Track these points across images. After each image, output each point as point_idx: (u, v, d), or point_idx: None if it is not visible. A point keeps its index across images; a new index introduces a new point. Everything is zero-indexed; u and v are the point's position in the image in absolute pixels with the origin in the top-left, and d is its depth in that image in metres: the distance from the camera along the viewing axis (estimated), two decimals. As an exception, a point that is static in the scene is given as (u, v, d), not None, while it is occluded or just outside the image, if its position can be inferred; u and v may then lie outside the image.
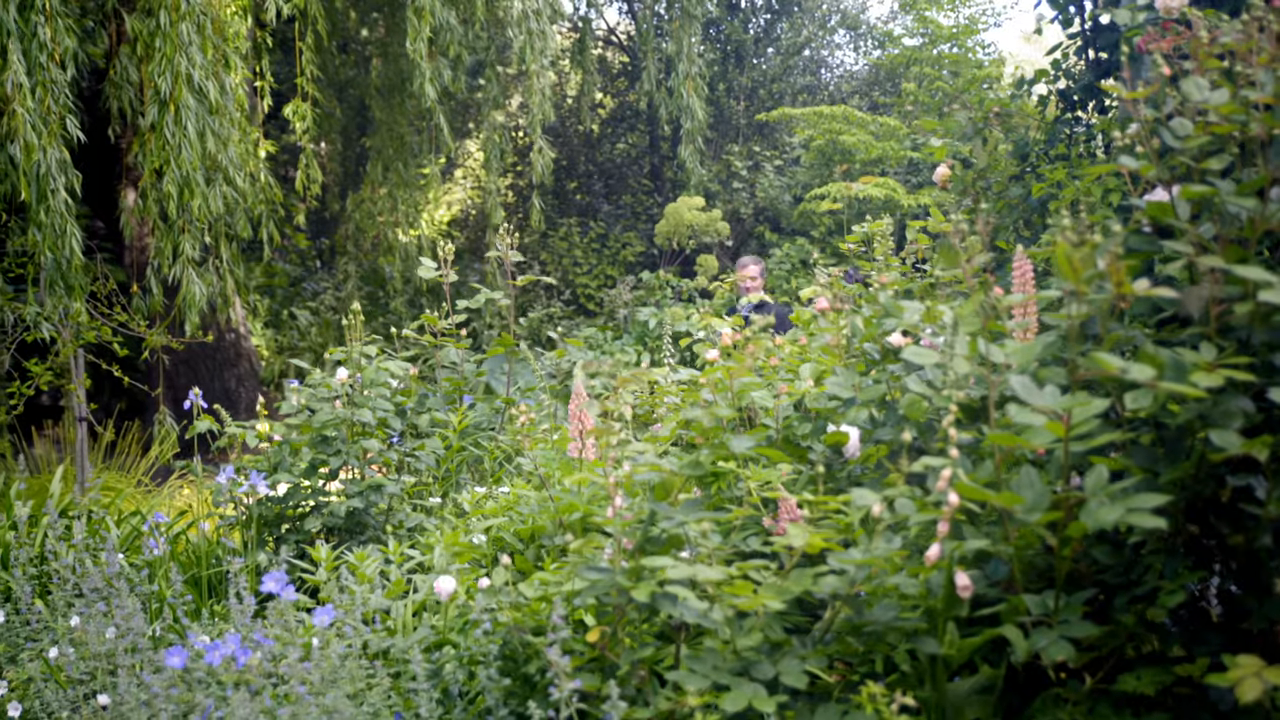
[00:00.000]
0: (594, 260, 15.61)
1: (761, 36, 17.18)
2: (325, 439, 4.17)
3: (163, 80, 8.43)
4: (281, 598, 3.25)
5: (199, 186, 8.63)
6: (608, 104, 18.39)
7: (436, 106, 11.30)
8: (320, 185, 15.32)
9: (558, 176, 18.05)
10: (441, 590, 2.85)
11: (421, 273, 5.09)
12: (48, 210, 8.07)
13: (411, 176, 12.83)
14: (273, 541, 4.16)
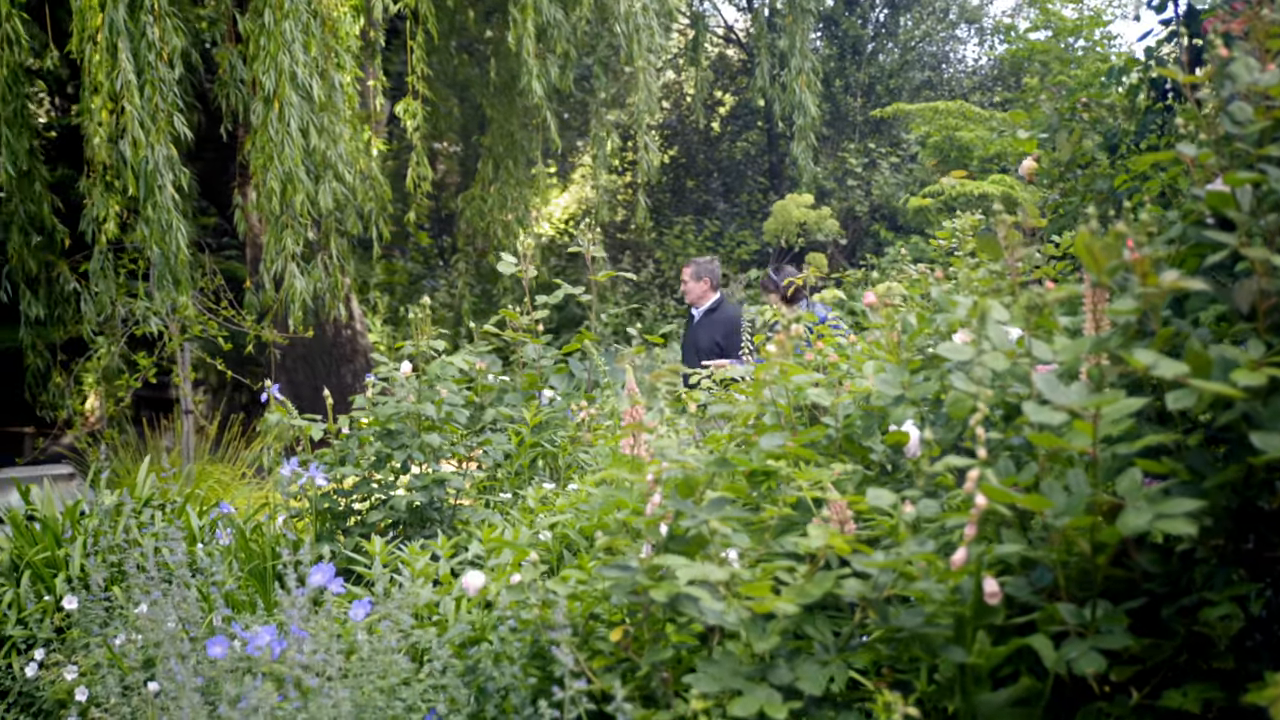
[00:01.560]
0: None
1: (880, 31, 16.93)
2: (390, 432, 4.18)
3: (266, 78, 8.58)
4: (330, 590, 3.25)
5: (302, 183, 8.76)
6: (728, 102, 18.30)
7: (544, 104, 11.33)
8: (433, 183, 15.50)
9: (676, 174, 17.99)
10: (469, 586, 2.82)
11: (501, 268, 5.08)
12: (155, 206, 8.27)
13: (521, 174, 12.87)
14: (340, 534, 4.18)
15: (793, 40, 12.78)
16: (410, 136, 11.12)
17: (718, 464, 2.59)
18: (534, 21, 10.44)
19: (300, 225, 9.10)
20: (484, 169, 13.20)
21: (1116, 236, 2.02)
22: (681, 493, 2.53)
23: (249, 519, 4.78)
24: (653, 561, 2.40)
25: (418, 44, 10.65)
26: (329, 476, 4.18)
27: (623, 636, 2.58)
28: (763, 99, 13.92)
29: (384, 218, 11.04)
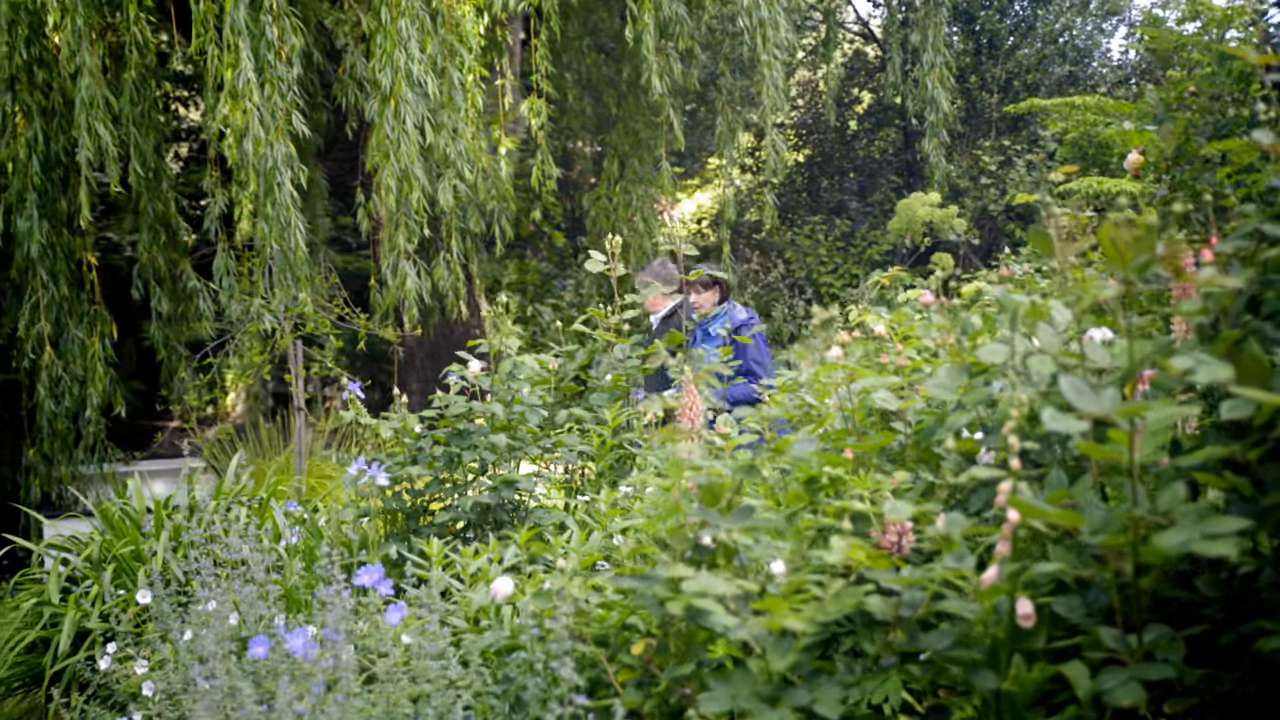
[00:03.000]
0: (839, 259, 15.30)
1: (1017, 25, 16.45)
2: (459, 432, 4.13)
3: (383, 76, 8.64)
4: (379, 592, 3.21)
5: (418, 180, 8.80)
6: (865, 99, 18.02)
7: (666, 100, 11.24)
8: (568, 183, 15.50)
9: (810, 174, 17.75)
10: (498, 592, 2.74)
11: (589, 266, 5.00)
12: (274, 204, 8.37)
13: (647, 174, 12.79)
14: (411, 535, 4.15)
15: (925, 34, 12.49)
16: (535, 135, 11.12)
17: (744, 471, 2.47)
18: (654, 18, 10.35)
19: (415, 223, 9.15)
20: (610, 168, 13.16)
21: (1146, 229, 1.86)
22: (706, 500, 2.41)
23: (331, 517, 4.79)
24: (672, 573, 2.29)
25: (541, 42, 10.64)
26: (399, 476, 4.16)
27: (645, 649, 2.48)
28: (897, 95, 13.64)
29: (506, 216, 11.07)
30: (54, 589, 4.74)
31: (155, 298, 9.88)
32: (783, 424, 3.85)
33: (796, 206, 17.26)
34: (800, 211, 17.13)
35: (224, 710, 2.83)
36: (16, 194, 8.82)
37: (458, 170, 9.77)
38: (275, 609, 3.53)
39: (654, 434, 3.32)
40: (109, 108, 8.70)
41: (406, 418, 4.29)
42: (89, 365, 9.32)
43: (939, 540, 2.53)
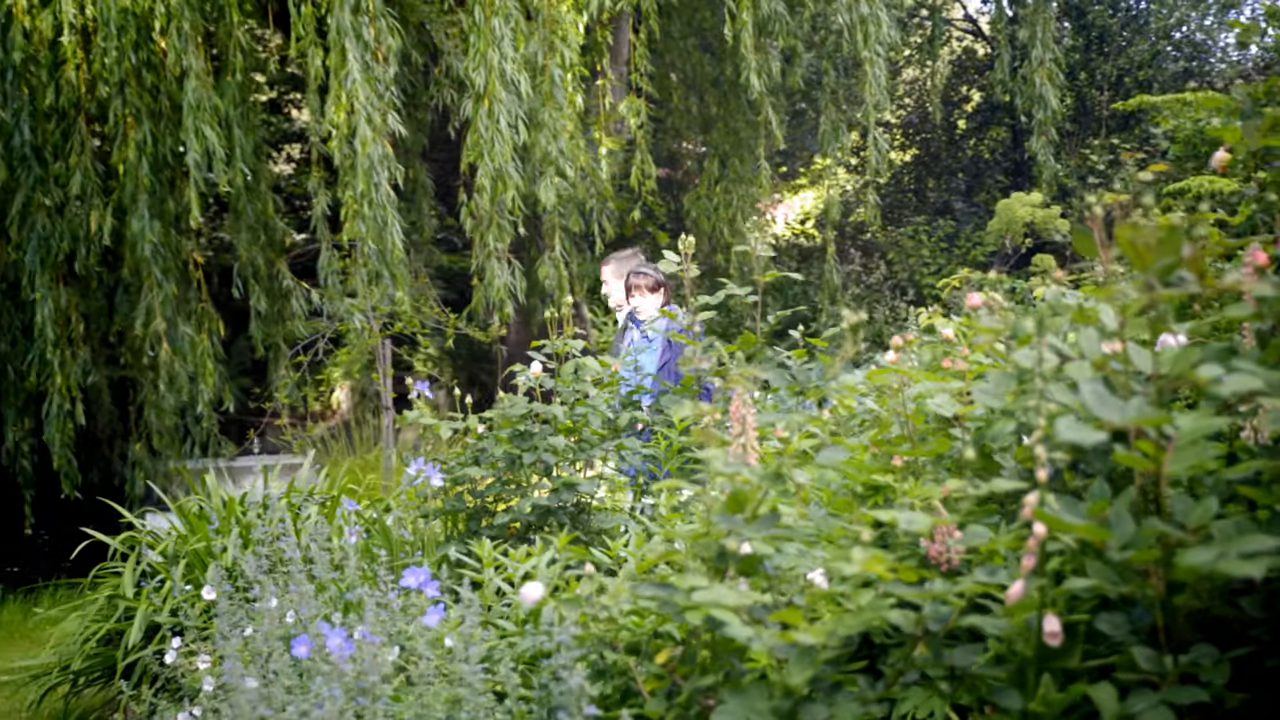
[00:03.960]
0: (942, 260, 15.05)
1: (1129, 20, 16.00)
2: (521, 434, 4.11)
3: (476, 75, 8.68)
4: (426, 594, 3.20)
5: (511, 179, 8.82)
6: (974, 97, 17.70)
7: (764, 99, 11.15)
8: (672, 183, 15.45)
9: (917, 173, 17.50)
10: (527, 597, 2.70)
11: (663, 266, 4.95)
12: (370, 203, 8.46)
13: (747, 173, 12.69)
14: (470, 536, 4.14)
15: (1033, 30, 12.22)
16: (634, 134, 11.11)
17: (770, 478, 2.40)
18: (753, 15, 10.27)
19: (509, 222, 9.19)
20: (710, 167, 13.09)
21: (1170, 229, 1.76)
22: (729, 508, 2.35)
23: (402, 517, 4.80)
24: (688, 582, 2.24)
25: (640, 41, 10.64)
26: (460, 477, 4.15)
27: (669, 659, 2.42)
28: (1005, 93, 13.37)
29: (607, 215, 11.06)
30: (128, 583, 4.83)
31: (255, 296, 10.05)
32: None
33: (902, 207, 17.03)
34: (905, 212, 16.89)
35: (257, 709, 2.84)
36: (130, 195, 9.01)
37: (559, 168, 9.79)
38: (330, 608, 3.53)
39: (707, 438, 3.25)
40: (215, 110, 8.86)
41: (468, 418, 4.29)
42: (199, 362, 9.50)
43: (983, 553, 2.45)
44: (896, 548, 2.36)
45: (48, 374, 9.25)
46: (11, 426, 9.73)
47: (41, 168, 9.26)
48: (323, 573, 3.63)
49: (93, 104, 9.47)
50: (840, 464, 2.54)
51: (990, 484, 2.12)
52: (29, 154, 9.18)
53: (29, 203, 9.26)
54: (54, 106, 9.10)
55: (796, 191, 18.81)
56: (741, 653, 2.33)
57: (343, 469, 6.34)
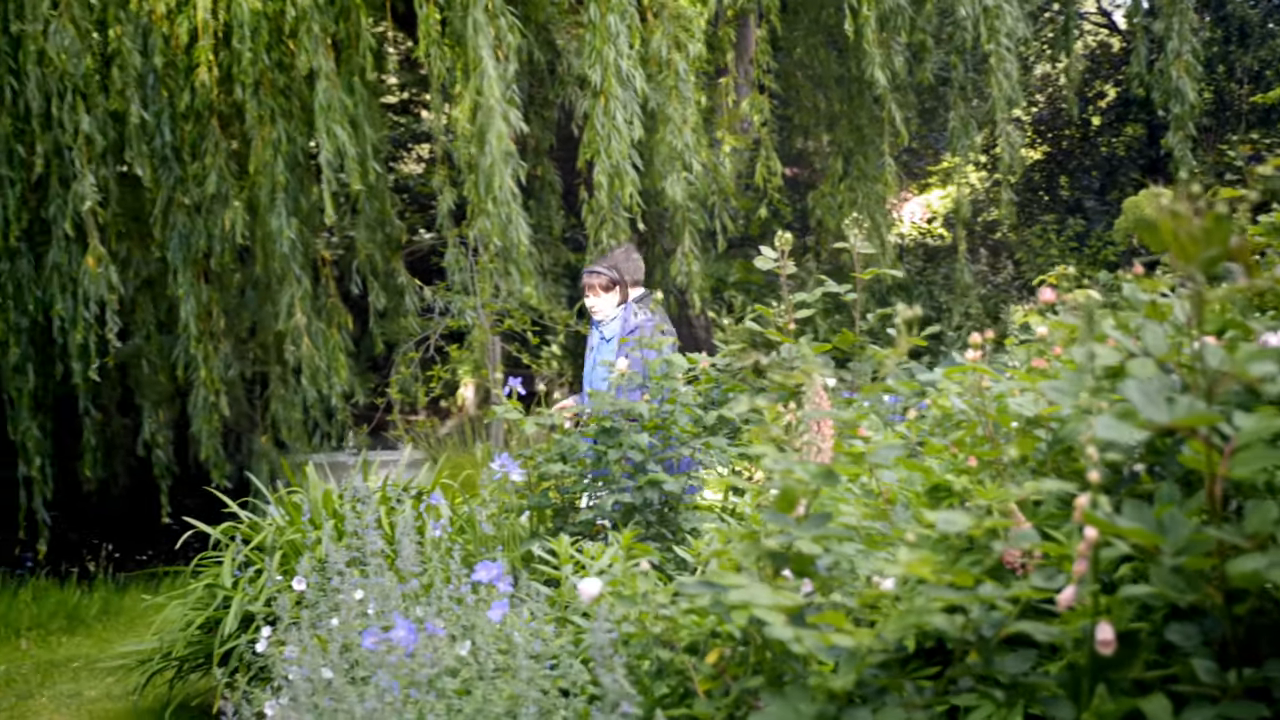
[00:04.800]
0: (1072, 260, 14.65)
1: (1271, 10, 15.38)
2: (607, 430, 4.10)
3: (592, 72, 8.71)
4: (498, 588, 3.20)
5: (629, 176, 8.83)
6: (1108, 93, 17.22)
7: (888, 95, 10.99)
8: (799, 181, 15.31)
9: (1048, 171, 17.09)
10: (584, 593, 2.69)
11: (759, 263, 4.88)
12: (495, 200, 8.54)
13: (871, 170, 12.50)
14: (557, 531, 4.13)
15: (1170, 23, 11.82)
16: (758, 131, 11.04)
17: (822, 476, 2.35)
18: (875, 10, 10.13)
19: (625, 219, 9.20)
20: (833, 165, 12.92)
21: (1216, 219, 1.67)
22: (780, 507, 2.30)
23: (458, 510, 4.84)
24: (726, 580, 2.20)
25: (762, 38, 10.57)
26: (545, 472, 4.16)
27: (719, 658, 2.39)
28: (1141, 88, 12.96)
29: (729, 213, 11.01)
30: (226, 573, 4.93)
31: (374, 293, 10.21)
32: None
33: (1031, 205, 16.63)
34: (1035, 210, 16.50)
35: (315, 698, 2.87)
36: (267, 194, 9.21)
37: (684, 163, 9.78)
38: (412, 601, 3.56)
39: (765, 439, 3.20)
40: (345, 109, 9.02)
41: (554, 414, 4.29)
42: (331, 355, 9.67)
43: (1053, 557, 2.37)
44: (975, 551, 2.29)
45: (193, 368, 9.52)
46: (148, 418, 10.02)
47: (181, 168, 9.52)
48: (407, 566, 3.65)
49: (225, 105, 9.71)
50: (895, 463, 2.46)
51: (1038, 484, 2.04)
52: (169, 155, 9.45)
53: (170, 202, 9.53)
54: (189, 108, 9.33)
55: (925, 190, 18.52)
56: (793, 654, 2.29)
57: (442, 464, 6.40)
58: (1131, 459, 2.54)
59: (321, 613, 3.58)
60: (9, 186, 9.59)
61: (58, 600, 8.01)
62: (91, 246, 9.19)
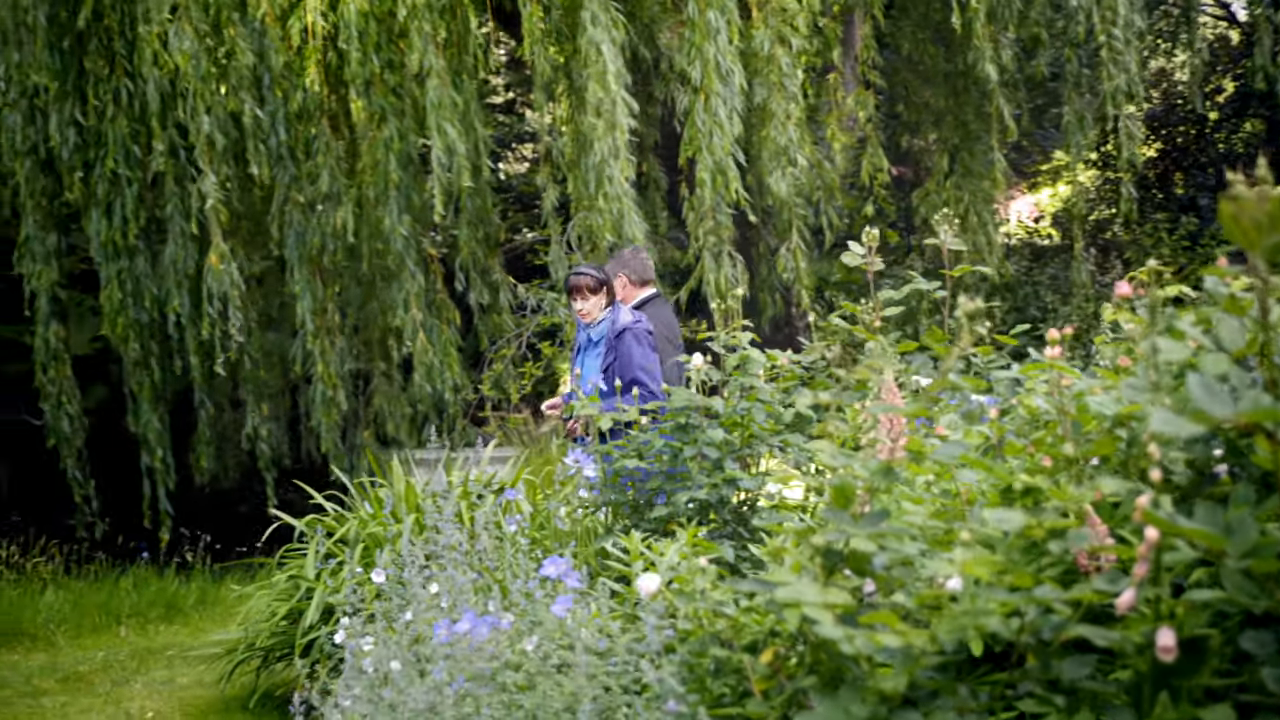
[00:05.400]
0: (1184, 259, 14.23)
1: None
2: (681, 426, 4.05)
3: (693, 69, 8.68)
4: (566, 584, 3.19)
5: (730, 171, 8.79)
6: (1228, 88, 16.69)
7: (997, 90, 10.79)
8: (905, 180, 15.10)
9: (1162, 168, 16.64)
10: (643, 589, 2.65)
11: (846, 259, 4.79)
12: (605, 197, 8.55)
13: (978, 168, 12.26)
14: (632, 528, 4.10)
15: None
16: (863, 128, 10.93)
17: (881, 473, 2.29)
18: (985, 3, 9.95)
19: (728, 215, 9.16)
20: (939, 163, 12.73)
21: (1277, 203, 1.59)
22: (836, 503, 2.25)
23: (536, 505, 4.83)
24: (774, 577, 2.15)
25: (866, 33, 10.45)
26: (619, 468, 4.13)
27: (773, 658, 2.34)
28: (1263, 81, 12.54)
29: (834, 210, 10.90)
30: (310, 565, 4.99)
31: (475, 290, 10.27)
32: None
33: (1143, 203, 16.15)
34: (1146, 208, 16.03)
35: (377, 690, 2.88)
36: (379, 192, 9.33)
37: (789, 158, 9.72)
38: (485, 595, 3.56)
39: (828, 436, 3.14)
40: (455, 107, 9.09)
41: (630, 410, 4.27)
42: (443, 350, 9.76)
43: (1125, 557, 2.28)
44: (968, 548, 2.21)
45: (310, 362, 9.67)
46: (251, 412, 10.20)
47: (295, 167, 9.67)
48: (481, 561, 3.66)
49: (334, 105, 9.86)
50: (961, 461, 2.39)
51: (1099, 482, 1.96)
52: (285, 154, 9.60)
53: (286, 200, 9.69)
54: (302, 109, 9.47)
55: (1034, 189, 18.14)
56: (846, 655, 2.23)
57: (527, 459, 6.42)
58: (1212, 460, 2.44)
59: (398, 605, 3.58)
60: (127, 186, 9.80)
61: (157, 589, 8.21)
62: (214, 244, 9.36)
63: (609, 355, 6.25)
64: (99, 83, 9.43)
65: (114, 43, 9.34)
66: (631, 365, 6.20)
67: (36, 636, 7.14)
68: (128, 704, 5.84)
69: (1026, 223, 17.23)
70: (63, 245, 10.76)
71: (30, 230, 10.25)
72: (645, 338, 6.35)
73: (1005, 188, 12.90)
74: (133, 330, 10.07)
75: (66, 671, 6.45)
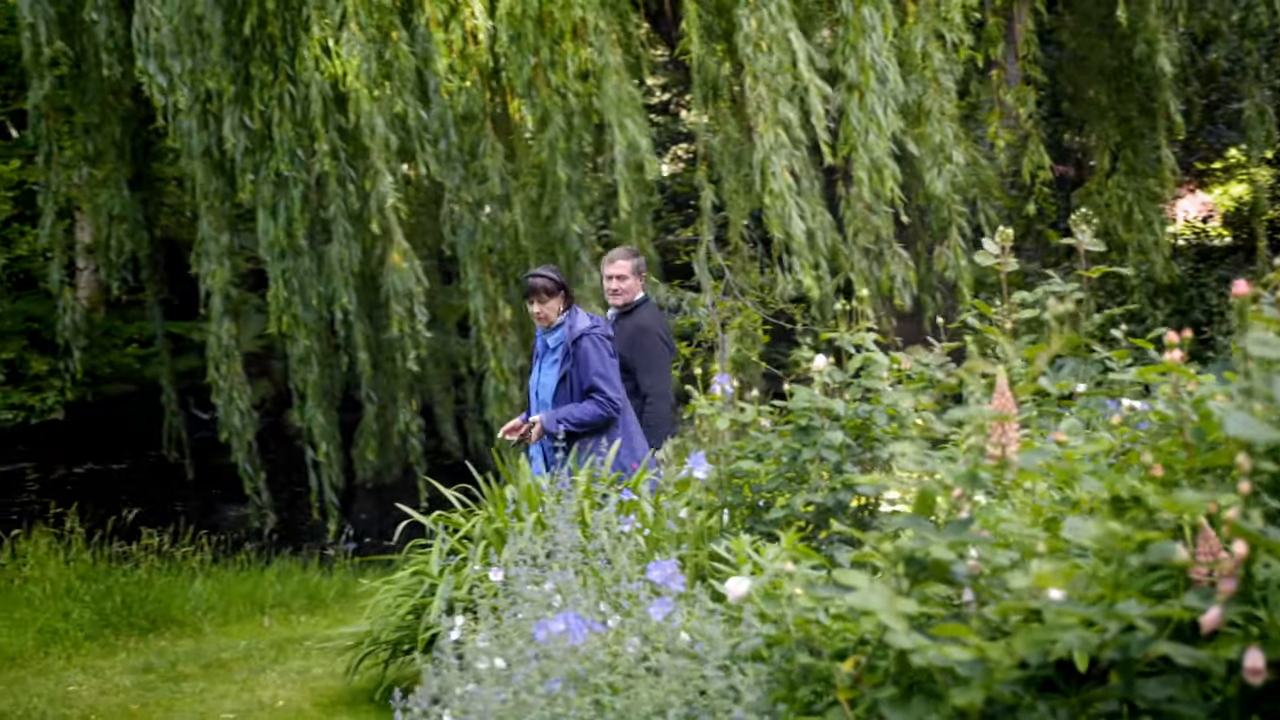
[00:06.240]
0: (1367, 258, 13.54)
1: None
2: (803, 428, 3.99)
3: (847, 67, 8.59)
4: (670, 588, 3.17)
5: (888, 169, 8.69)
6: None
7: (1168, 83, 10.41)
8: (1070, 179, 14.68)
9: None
10: (732, 592, 2.61)
11: (979, 258, 4.68)
12: (771, 193, 8.53)
13: (1142, 165, 11.84)
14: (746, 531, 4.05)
15: None
16: (1023, 125, 10.67)
17: (967, 479, 2.22)
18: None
19: (883, 213, 9.04)
20: (1100, 161, 12.33)
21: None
22: (918, 510, 2.19)
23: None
24: (848, 579, 2.10)
25: (1026, 28, 10.20)
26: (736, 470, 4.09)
27: (855, 665, 2.28)
28: None
29: (992, 208, 10.67)
30: (434, 561, 5.06)
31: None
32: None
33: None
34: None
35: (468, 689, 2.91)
36: (550, 190, 9.47)
37: (946, 156, 9.56)
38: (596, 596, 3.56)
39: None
40: (633, 103, 9.16)
41: (750, 411, 4.22)
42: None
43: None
44: (1047, 560, 2.12)
45: (483, 358, 9.85)
46: (401, 407, 10.40)
47: (464, 168, 9.83)
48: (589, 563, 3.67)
49: (496, 106, 9.99)
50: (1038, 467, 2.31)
51: (1179, 494, 1.87)
52: (454, 155, 9.76)
53: (456, 201, 9.87)
54: (466, 111, 9.62)
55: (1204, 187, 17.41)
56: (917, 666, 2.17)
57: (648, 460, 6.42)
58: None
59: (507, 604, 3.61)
60: (292, 187, 10.05)
61: (300, 580, 8.42)
62: (396, 242, 9.54)
63: (565, 362, 6.20)
64: (264, 87, 9.68)
65: (277, 49, 9.57)
66: (589, 372, 6.15)
67: (184, 624, 7.39)
68: (261, 692, 6.01)
69: (1194, 222, 16.60)
70: (234, 245, 11.08)
71: (205, 230, 10.57)
72: (603, 343, 6.28)
73: (1173, 186, 12.44)
74: (300, 328, 10.32)
75: (209, 658, 6.66)
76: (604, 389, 6.15)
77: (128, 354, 14.86)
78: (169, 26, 9.62)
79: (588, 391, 6.13)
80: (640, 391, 6.72)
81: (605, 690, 2.76)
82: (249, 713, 5.71)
